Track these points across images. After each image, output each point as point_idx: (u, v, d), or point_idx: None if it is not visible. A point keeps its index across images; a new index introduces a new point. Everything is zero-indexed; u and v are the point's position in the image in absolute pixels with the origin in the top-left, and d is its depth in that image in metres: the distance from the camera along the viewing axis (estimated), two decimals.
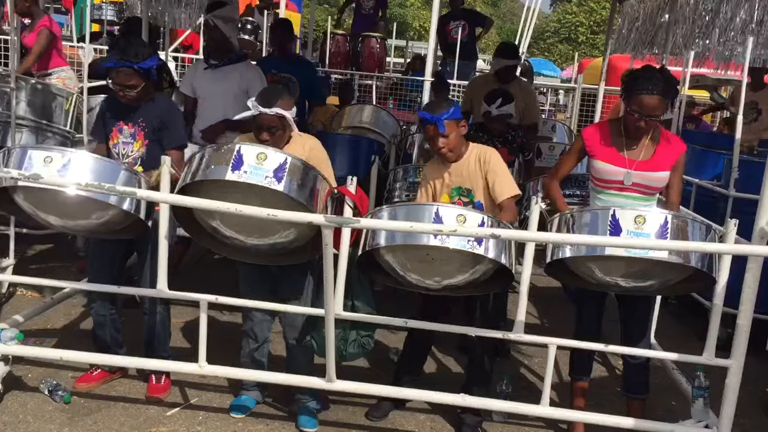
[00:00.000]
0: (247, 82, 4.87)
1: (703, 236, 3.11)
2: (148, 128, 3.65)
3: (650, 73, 3.32)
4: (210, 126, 4.78)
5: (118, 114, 3.68)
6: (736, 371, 3.14)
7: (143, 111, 3.65)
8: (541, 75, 19.96)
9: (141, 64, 3.51)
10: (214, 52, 4.97)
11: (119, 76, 3.54)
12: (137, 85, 3.54)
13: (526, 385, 4.26)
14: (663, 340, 4.57)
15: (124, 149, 3.67)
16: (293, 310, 3.47)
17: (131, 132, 3.66)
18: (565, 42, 37.34)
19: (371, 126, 6.23)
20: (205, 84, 4.91)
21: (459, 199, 3.56)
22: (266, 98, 3.34)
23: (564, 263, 3.34)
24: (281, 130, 3.37)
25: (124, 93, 3.56)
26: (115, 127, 3.67)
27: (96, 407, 3.62)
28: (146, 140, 3.66)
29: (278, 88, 3.61)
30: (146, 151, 3.66)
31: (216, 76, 4.89)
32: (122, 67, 3.51)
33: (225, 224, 3.30)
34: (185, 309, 4.47)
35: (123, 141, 3.66)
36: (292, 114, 3.42)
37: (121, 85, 3.55)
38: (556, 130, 6.78)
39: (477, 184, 3.55)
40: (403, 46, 20.00)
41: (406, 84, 10.27)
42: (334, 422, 3.68)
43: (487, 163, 3.52)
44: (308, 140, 3.53)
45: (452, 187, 3.56)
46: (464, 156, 3.56)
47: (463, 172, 3.55)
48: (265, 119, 3.33)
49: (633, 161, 3.39)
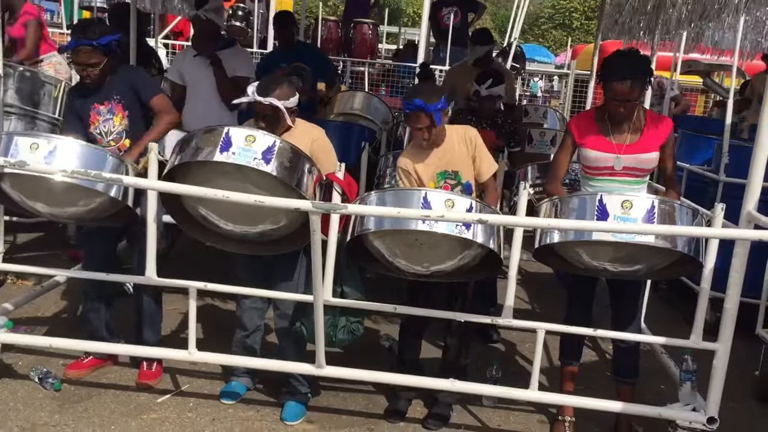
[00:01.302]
0: (233, 63, 4.90)
1: (690, 221, 3.12)
2: (124, 98, 3.65)
3: (620, 59, 3.31)
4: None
5: (89, 97, 3.66)
6: (723, 355, 3.15)
7: (112, 85, 3.65)
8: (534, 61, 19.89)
9: (99, 40, 3.51)
10: (203, 43, 4.96)
11: (80, 56, 3.54)
12: (98, 62, 3.54)
13: (516, 370, 4.29)
14: (653, 325, 4.59)
15: (106, 127, 3.66)
16: (282, 297, 3.48)
17: (108, 108, 3.66)
18: (560, 28, 37.21)
19: (362, 113, 6.22)
20: (195, 70, 4.93)
21: (446, 183, 3.54)
22: (264, 87, 3.36)
23: (552, 248, 3.35)
24: (276, 119, 3.37)
25: (87, 72, 3.56)
26: (92, 110, 3.66)
27: (86, 394, 3.63)
28: (126, 111, 3.66)
29: (280, 78, 3.59)
30: (129, 122, 3.67)
31: (205, 62, 4.88)
32: (81, 46, 3.51)
33: (213, 211, 3.29)
34: (177, 297, 4.47)
35: (103, 120, 3.66)
36: (291, 104, 3.40)
37: (82, 64, 3.55)
38: (548, 116, 6.78)
39: (465, 164, 3.54)
40: (396, 33, 19.96)
41: (399, 70, 10.25)
42: (325, 408, 3.69)
43: (473, 142, 3.53)
44: (313, 130, 3.51)
45: (437, 172, 3.54)
46: (445, 139, 3.54)
47: (448, 154, 3.53)
48: (260, 107, 3.35)
49: (621, 145, 3.39)
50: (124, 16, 4.97)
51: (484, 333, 4.68)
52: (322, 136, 3.51)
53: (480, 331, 4.66)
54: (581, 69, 11.39)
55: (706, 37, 5.79)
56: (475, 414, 3.74)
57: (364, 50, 10.32)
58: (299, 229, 3.33)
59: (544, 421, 3.73)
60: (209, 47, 4.92)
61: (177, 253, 5.28)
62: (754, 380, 4.23)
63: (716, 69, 10.30)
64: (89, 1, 11.39)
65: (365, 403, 3.78)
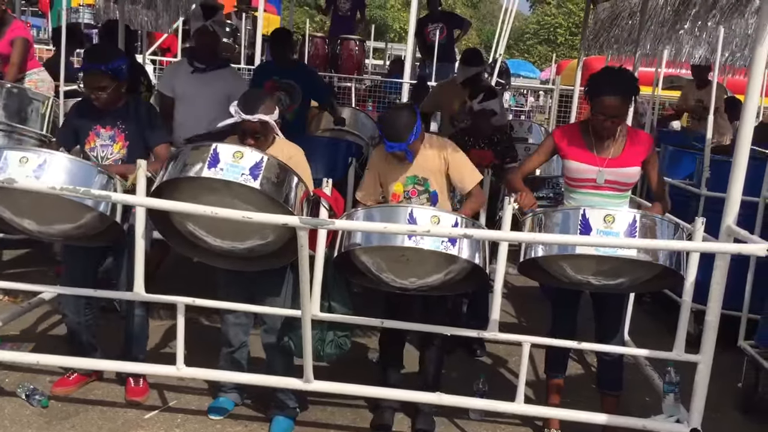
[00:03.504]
0: (232, 88, 4.89)
1: (671, 234, 3.17)
2: (129, 130, 3.68)
3: (610, 75, 3.39)
4: (196, 136, 4.76)
5: (94, 117, 3.69)
6: (705, 367, 3.20)
7: (122, 113, 3.68)
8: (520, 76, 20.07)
9: (109, 65, 3.54)
10: (204, 56, 4.98)
11: (89, 80, 3.58)
12: (107, 86, 3.57)
13: (502, 383, 4.31)
14: (638, 338, 4.64)
15: (103, 152, 3.68)
16: (270, 312, 3.49)
17: (110, 134, 3.68)
18: (545, 43, 37.55)
19: (349, 128, 6.27)
20: (190, 87, 4.92)
21: (414, 188, 3.60)
22: (249, 105, 3.36)
23: (537, 262, 3.39)
24: (264, 135, 3.40)
25: (96, 96, 3.59)
26: (92, 131, 3.68)
27: (74, 411, 3.62)
28: (127, 142, 3.68)
29: (260, 93, 3.62)
30: (127, 153, 3.68)
31: (203, 80, 4.90)
32: (91, 70, 3.55)
33: (201, 227, 3.31)
34: (166, 312, 4.48)
35: (101, 144, 3.68)
36: (275, 117, 3.44)
37: (91, 87, 3.58)
38: (533, 131, 6.85)
39: (435, 174, 3.60)
40: (382, 48, 20.08)
41: (386, 86, 10.32)
42: (313, 422, 3.70)
43: (451, 156, 3.59)
44: (290, 148, 3.53)
45: (407, 176, 3.59)
46: (421, 149, 3.59)
47: (420, 161, 3.58)
48: (248, 125, 3.36)
49: (604, 159, 3.45)
50: (115, 33, 5.00)
51: (470, 347, 4.71)
52: (298, 154, 3.53)
53: (466, 346, 4.70)
54: (566, 84, 11.53)
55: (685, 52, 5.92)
56: (462, 427, 3.77)
57: (351, 66, 10.40)
58: (287, 244, 3.36)
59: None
60: (206, 61, 4.93)
61: (165, 269, 5.28)
62: (737, 392, 4.28)
63: None
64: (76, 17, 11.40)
65: (353, 418, 3.79)
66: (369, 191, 3.71)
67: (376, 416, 3.73)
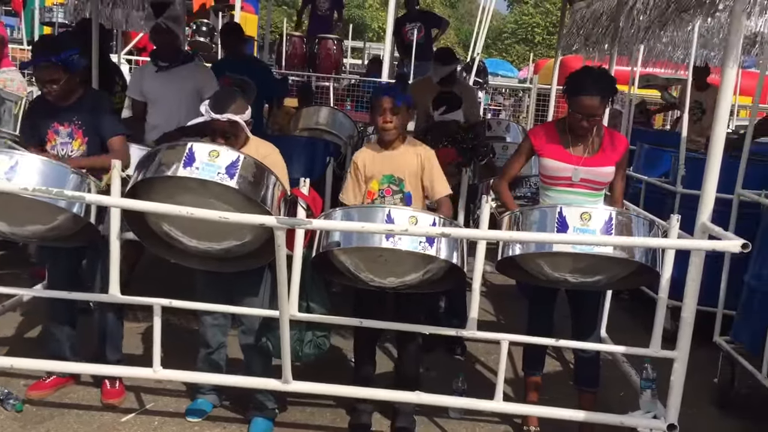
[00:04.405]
0: (200, 82, 4.88)
1: (646, 232, 3.20)
2: (85, 125, 3.61)
3: (588, 75, 3.41)
4: (164, 134, 4.73)
5: (51, 115, 3.61)
6: (681, 363, 3.22)
7: (76, 108, 3.61)
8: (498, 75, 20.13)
9: (60, 55, 3.45)
10: (165, 54, 4.94)
11: (40, 73, 3.49)
12: (59, 79, 3.48)
13: (481, 381, 4.32)
14: (616, 335, 4.67)
15: (63, 150, 3.61)
16: (248, 312, 3.47)
17: (68, 132, 3.61)
18: (522, 43, 37.73)
19: (327, 127, 6.25)
20: (157, 86, 4.89)
21: (389, 187, 3.61)
22: (219, 104, 3.34)
23: (515, 260, 3.40)
24: (234, 135, 3.37)
25: (49, 89, 3.50)
26: (50, 129, 3.61)
27: (49, 415, 3.58)
28: (86, 137, 3.61)
29: (231, 92, 3.58)
30: (87, 150, 3.62)
31: (168, 77, 4.87)
32: (41, 63, 3.46)
33: (177, 228, 3.28)
34: (143, 314, 4.43)
35: (61, 142, 3.61)
36: (246, 117, 3.41)
37: (43, 81, 3.49)
38: (510, 130, 6.88)
39: (411, 176, 3.61)
40: (360, 48, 20.07)
41: (364, 85, 10.31)
42: (292, 423, 3.69)
43: (427, 161, 3.61)
44: (263, 147, 3.51)
45: (384, 174, 3.61)
46: (401, 147, 3.63)
47: (399, 161, 3.61)
48: (218, 125, 3.33)
49: (580, 158, 3.47)
50: (88, 32, 4.93)
51: (449, 346, 4.72)
52: (273, 152, 3.50)
53: (445, 344, 4.70)
54: (543, 83, 11.59)
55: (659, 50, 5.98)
56: (442, 426, 3.77)
57: (329, 65, 10.37)
58: (264, 244, 3.33)
59: (510, 431, 3.77)
60: (168, 58, 4.88)
61: (141, 270, 5.23)
62: (713, 387, 4.32)
63: (674, 83, 10.56)
64: (50, 16, 11.26)
65: (332, 418, 3.78)
66: (354, 192, 3.68)
67: (354, 417, 3.72)
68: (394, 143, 3.62)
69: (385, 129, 3.57)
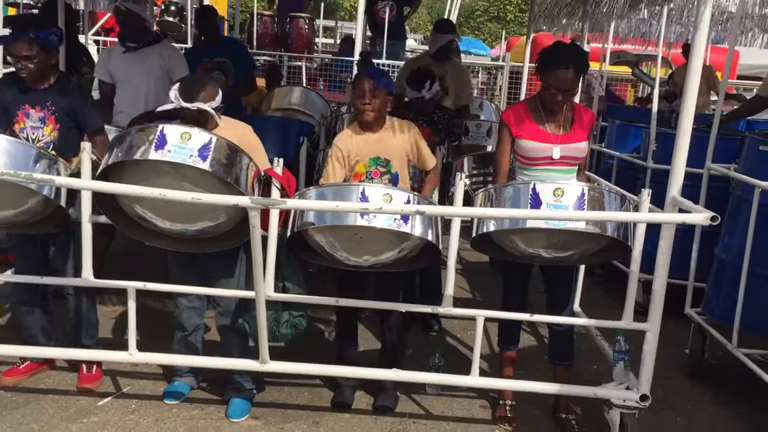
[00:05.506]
0: (169, 63, 4.83)
1: (618, 206, 3.23)
2: (59, 112, 3.54)
3: (562, 49, 3.42)
4: (132, 120, 4.67)
5: (22, 96, 3.54)
6: (653, 334, 3.28)
7: (51, 94, 3.54)
8: (470, 54, 20.09)
9: (39, 33, 3.40)
10: (132, 35, 4.87)
11: (15, 47, 3.41)
12: (35, 56, 3.42)
13: (457, 357, 4.37)
14: (590, 309, 4.73)
15: (34, 134, 3.54)
16: (224, 294, 3.46)
17: (40, 116, 3.54)
18: (495, 21, 37.64)
19: (300, 107, 6.21)
20: (125, 67, 4.82)
21: (376, 169, 3.61)
22: (188, 92, 3.28)
23: (489, 237, 3.42)
24: (203, 123, 3.32)
25: (22, 66, 3.42)
26: (20, 110, 3.54)
27: (24, 401, 3.55)
28: (57, 124, 3.55)
29: (201, 79, 3.53)
30: (59, 136, 3.56)
31: (135, 58, 4.80)
32: (18, 37, 3.40)
33: (150, 210, 3.25)
34: (117, 298, 4.40)
35: (31, 126, 3.54)
36: (216, 103, 3.36)
37: (18, 56, 3.41)
38: (483, 108, 6.89)
39: (398, 155, 3.63)
40: (332, 27, 19.92)
41: (336, 65, 10.25)
42: (270, 403, 3.70)
43: (413, 137, 3.66)
44: (239, 127, 3.47)
45: (369, 156, 3.60)
46: (383, 127, 3.63)
47: (385, 143, 3.62)
48: (186, 113, 3.30)
49: (557, 135, 3.46)
50: (55, 12, 4.83)
51: (425, 322, 4.76)
52: (249, 133, 3.48)
53: (422, 321, 4.74)
54: (516, 61, 11.60)
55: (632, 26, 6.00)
56: (419, 402, 3.81)
57: (301, 45, 10.30)
58: (238, 225, 3.32)
59: (486, 406, 3.82)
60: (134, 39, 4.81)
61: (114, 254, 5.18)
62: (684, 357, 4.41)
63: (645, 59, 10.60)
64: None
65: (310, 397, 3.80)
66: (336, 179, 3.63)
67: (336, 394, 3.74)
68: (375, 125, 3.61)
69: (365, 110, 3.56)
